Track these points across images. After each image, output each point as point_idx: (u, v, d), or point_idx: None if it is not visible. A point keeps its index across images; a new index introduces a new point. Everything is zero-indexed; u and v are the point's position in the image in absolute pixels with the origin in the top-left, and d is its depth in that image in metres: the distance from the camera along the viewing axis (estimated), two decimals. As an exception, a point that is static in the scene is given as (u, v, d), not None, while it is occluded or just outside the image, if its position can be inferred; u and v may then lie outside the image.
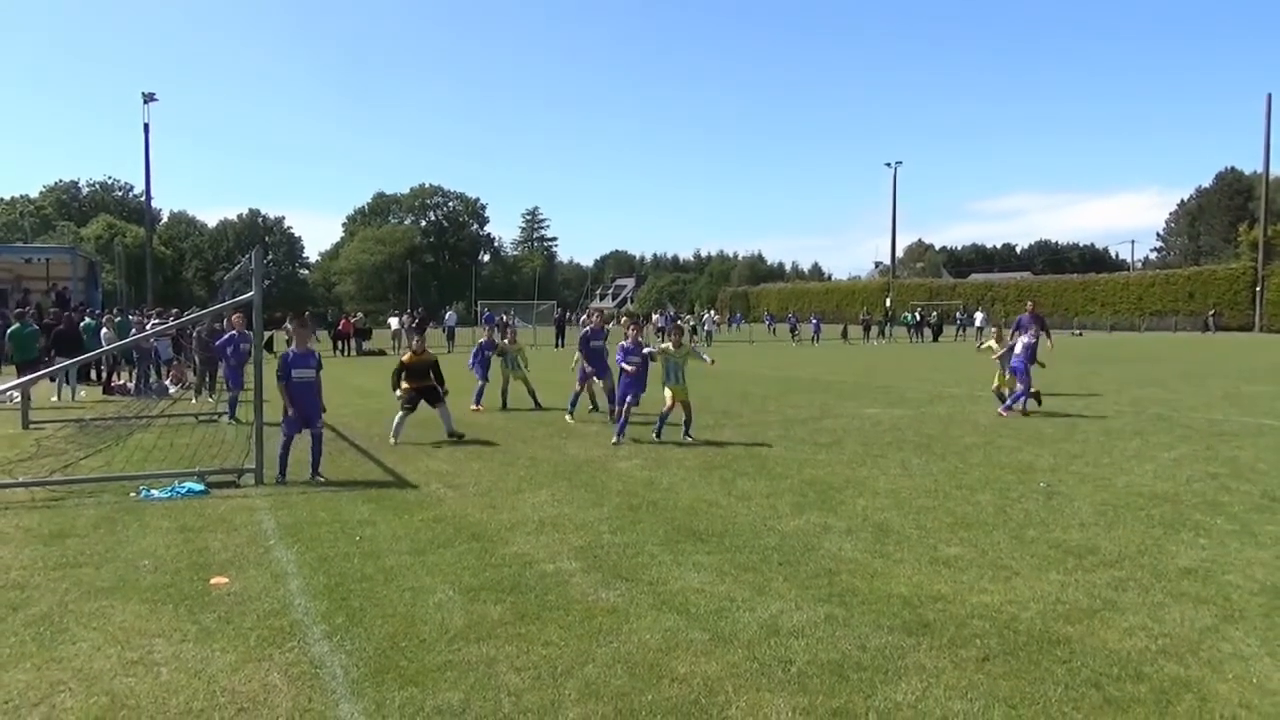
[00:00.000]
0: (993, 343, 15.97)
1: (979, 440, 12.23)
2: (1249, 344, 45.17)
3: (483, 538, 7.25)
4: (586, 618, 5.36)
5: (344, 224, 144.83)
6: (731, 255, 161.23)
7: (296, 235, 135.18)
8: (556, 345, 42.99)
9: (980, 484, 9.22)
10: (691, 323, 53.41)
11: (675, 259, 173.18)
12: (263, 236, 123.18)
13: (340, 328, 39.26)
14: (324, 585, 6.04)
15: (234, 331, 15.14)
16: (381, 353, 38.85)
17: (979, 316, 57.66)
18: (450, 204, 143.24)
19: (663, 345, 12.89)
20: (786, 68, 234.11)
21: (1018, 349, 14.91)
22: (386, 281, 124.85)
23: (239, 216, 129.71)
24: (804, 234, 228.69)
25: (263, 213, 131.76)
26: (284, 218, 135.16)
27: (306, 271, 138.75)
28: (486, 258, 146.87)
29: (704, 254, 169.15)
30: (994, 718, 4.03)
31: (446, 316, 48.17)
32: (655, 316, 54.48)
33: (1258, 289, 63.47)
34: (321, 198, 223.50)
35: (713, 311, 72.76)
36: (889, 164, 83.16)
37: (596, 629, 5.17)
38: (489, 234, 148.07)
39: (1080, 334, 62.56)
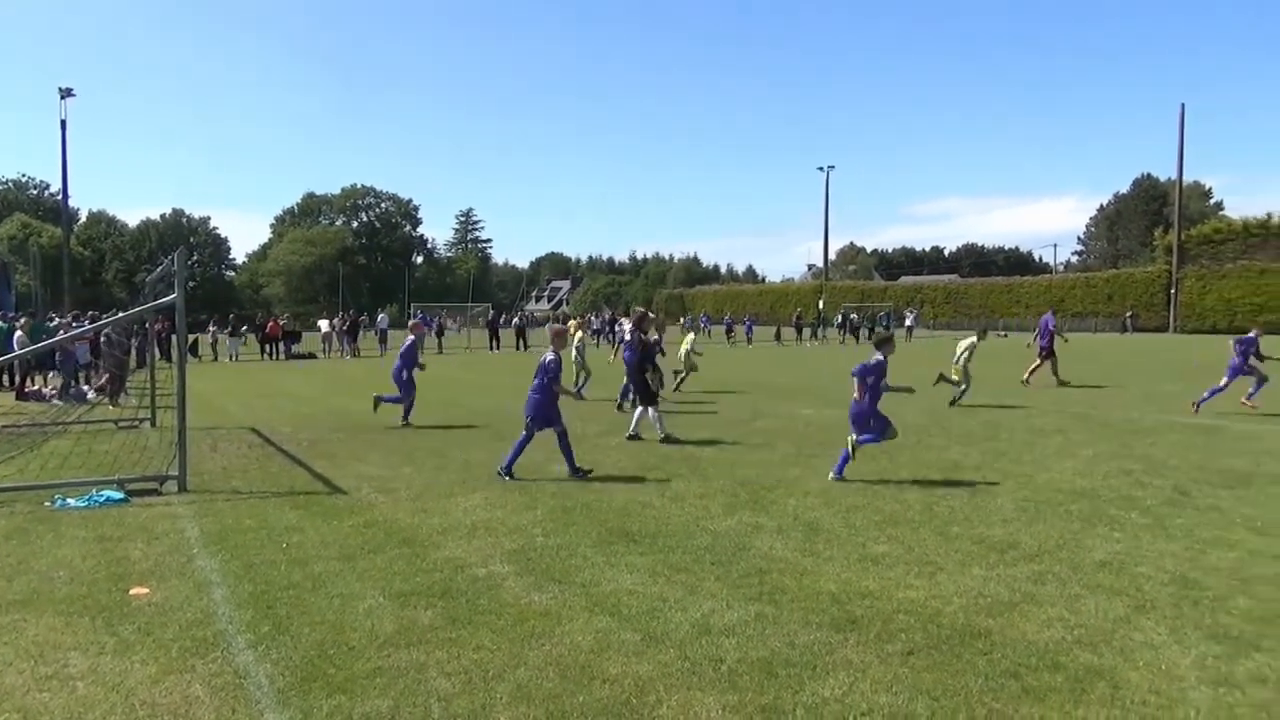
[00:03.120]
0: None
1: (908, 440, 12.46)
2: (1164, 344, 46.88)
3: (414, 543, 7.18)
4: (518, 621, 5.34)
5: (272, 224, 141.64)
6: (667, 257, 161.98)
7: (223, 236, 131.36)
8: (490, 348, 42.69)
9: (908, 482, 9.42)
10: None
11: (611, 261, 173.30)
12: (187, 237, 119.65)
13: (268, 330, 38.43)
14: (249, 594, 5.91)
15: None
16: (311, 356, 38.14)
17: (909, 317, 58.86)
18: (383, 205, 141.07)
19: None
20: (723, 72, 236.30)
21: None
22: (317, 283, 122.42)
23: (162, 216, 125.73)
24: (740, 236, 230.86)
25: (187, 212, 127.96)
26: (209, 218, 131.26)
27: (233, 273, 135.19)
28: (420, 259, 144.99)
29: (640, 256, 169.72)
30: (917, 709, 4.13)
31: (378, 319, 47.42)
32: (591, 318, 54.39)
33: (1172, 291, 65.86)
34: (249, 197, 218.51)
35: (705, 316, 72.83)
36: (822, 168, 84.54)
37: (528, 632, 5.16)
38: (422, 235, 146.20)
39: (1005, 335, 64.24)
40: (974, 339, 17.70)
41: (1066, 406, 16.55)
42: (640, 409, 12.66)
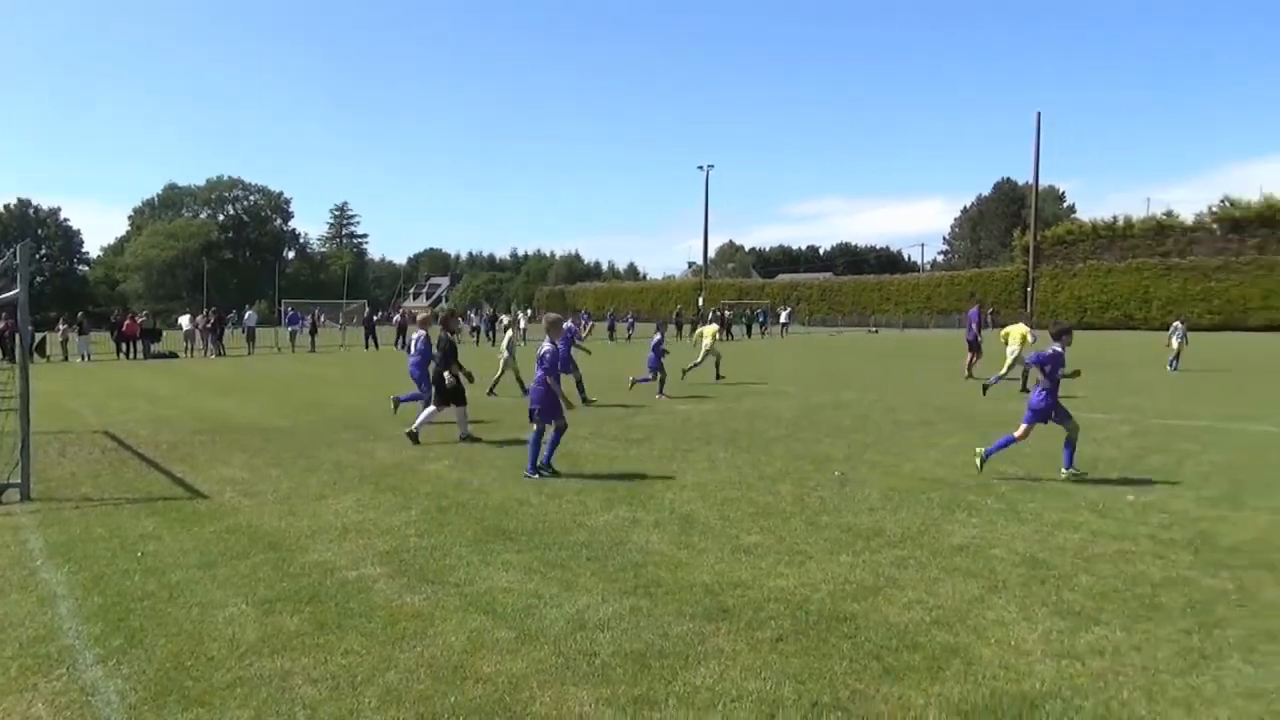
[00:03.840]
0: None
1: (781, 433, 12.80)
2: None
3: (280, 547, 6.93)
4: (390, 623, 5.23)
5: (130, 217, 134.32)
6: (549, 254, 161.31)
7: (75, 228, 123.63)
8: (366, 346, 41.61)
9: (781, 475, 9.65)
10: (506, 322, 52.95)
11: (492, 258, 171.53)
12: (35, 229, 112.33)
13: (124, 328, 36.34)
14: (99, 606, 5.59)
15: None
16: (173, 355, 36.34)
17: (783, 313, 60.42)
18: (251, 198, 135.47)
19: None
20: (606, 71, 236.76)
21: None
22: (179, 279, 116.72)
23: (6, 207, 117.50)
24: (622, 234, 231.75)
25: (34, 203, 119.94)
26: (59, 209, 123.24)
27: (86, 268, 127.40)
28: (291, 254, 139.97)
29: (521, 253, 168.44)
30: (784, 694, 4.24)
31: (246, 316, 45.49)
32: (471, 315, 53.65)
33: (1029, 289, 69.63)
34: (104, 188, 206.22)
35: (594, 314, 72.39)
36: (701, 167, 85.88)
37: (400, 634, 5.05)
38: (294, 230, 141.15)
39: (876, 331, 66.68)
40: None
41: (931, 399, 17.28)
42: (430, 409, 12.20)
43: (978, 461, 9.54)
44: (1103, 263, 65.59)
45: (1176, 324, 25.79)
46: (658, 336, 19.69)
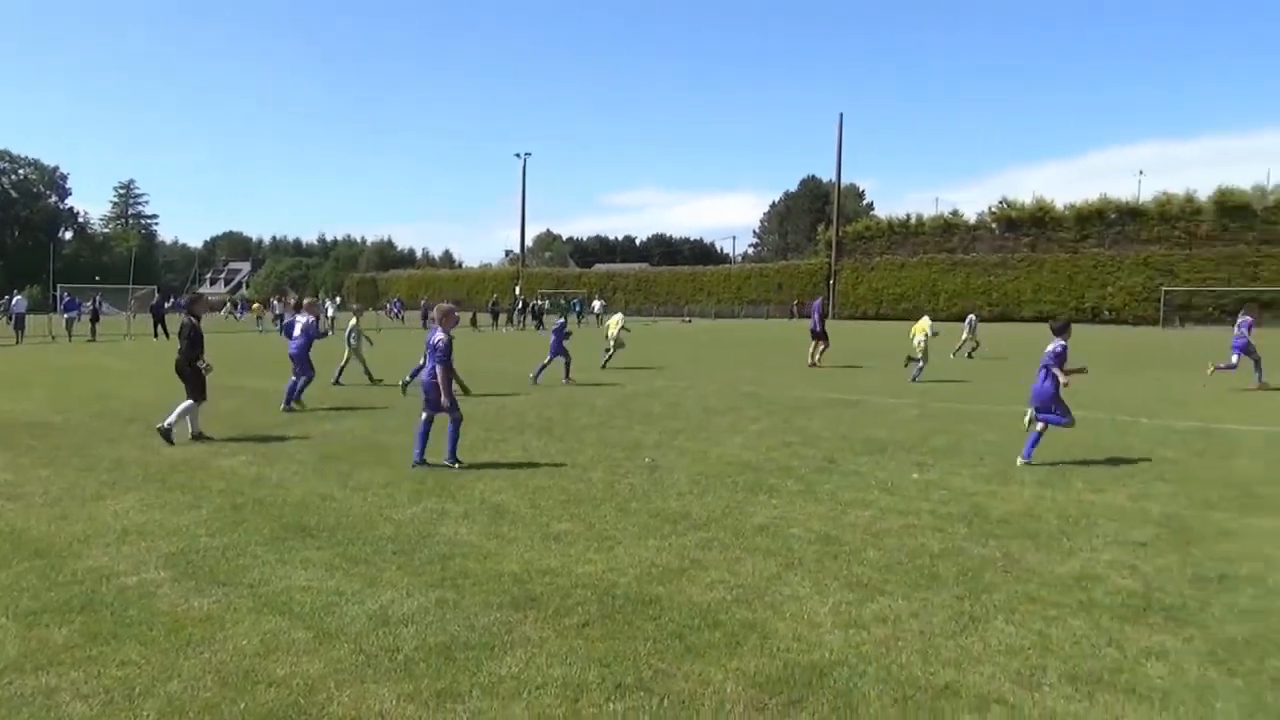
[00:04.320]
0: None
1: (595, 421, 12.92)
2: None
3: (48, 554, 6.35)
4: (174, 630, 4.90)
5: None
6: (359, 240, 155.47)
7: None
8: (155, 335, 38.73)
9: (593, 462, 9.74)
10: (330, 308, 50.74)
11: (298, 242, 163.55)
12: None
13: None
14: None
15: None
16: (-74, 345, 32.52)
17: (597, 304, 60.96)
18: (20, 171, 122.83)
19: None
20: (420, 55, 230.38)
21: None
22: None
23: None
24: (437, 220, 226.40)
25: None
26: None
27: None
28: (69, 235, 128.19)
29: (329, 238, 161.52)
30: (589, 678, 4.29)
31: (14, 302, 41.22)
32: (274, 302, 50.99)
33: (831, 281, 73.38)
34: None
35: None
36: (519, 155, 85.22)
37: (185, 641, 4.75)
38: (72, 208, 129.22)
39: (690, 320, 68.49)
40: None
41: (738, 386, 17.91)
42: (188, 402, 11.46)
43: (1020, 462, 9.62)
44: (897, 257, 69.95)
45: (971, 316, 28.00)
46: (560, 321, 19.65)
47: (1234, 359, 17.97)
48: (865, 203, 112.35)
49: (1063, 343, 9.83)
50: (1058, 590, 5.59)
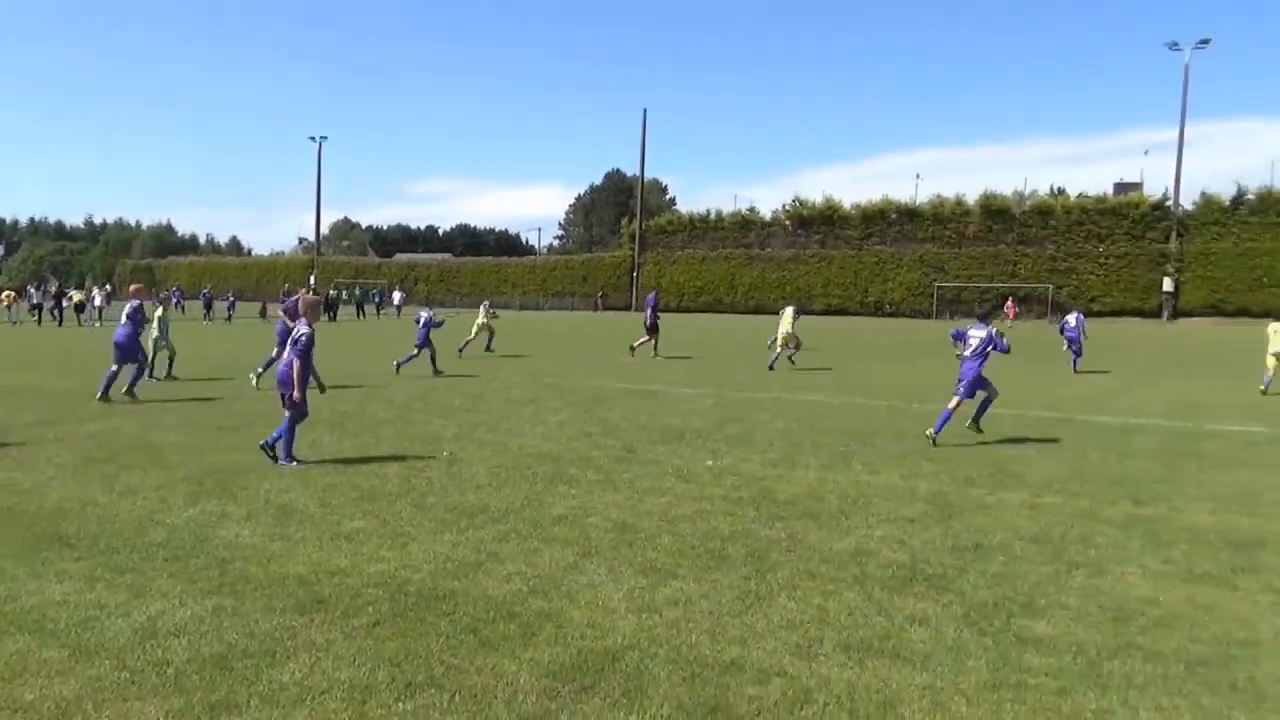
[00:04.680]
0: None
1: (392, 415, 12.55)
2: (628, 320, 53.03)
3: None
4: (-103, 658, 4.35)
5: None
6: (134, 224, 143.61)
7: None
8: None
9: (389, 458, 9.46)
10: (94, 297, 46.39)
11: (61, 225, 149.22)
12: None
13: None
14: None
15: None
16: None
17: (397, 295, 59.34)
18: None
19: None
20: (205, 33, 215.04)
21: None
22: None
23: None
24: (223, 205, 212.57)
25: None
26: None
27: None
28: None
29: (98, 221, 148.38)
30: (379, 679, 4.16)
31: None
32: (31, 291, 46.18)
33: (635, 274, 74.64)
34: None
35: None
36: (314, 138, 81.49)
37: (-90, 669, 4.23)
38: None
39: (495, 314, 67.77)
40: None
41: (541, 378, 17.91)
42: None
43: (931, 439, 10.54)
44: (698, 251, 72.06)
45: (787, 310, 29.22)
46: (428, 313, 19.18)
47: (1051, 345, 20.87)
48: (668, 197, 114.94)
49: (995, 328, 11.33)
50: (835, 566, 5.94)
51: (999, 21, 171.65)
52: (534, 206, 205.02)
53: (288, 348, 9.30)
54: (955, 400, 10.94)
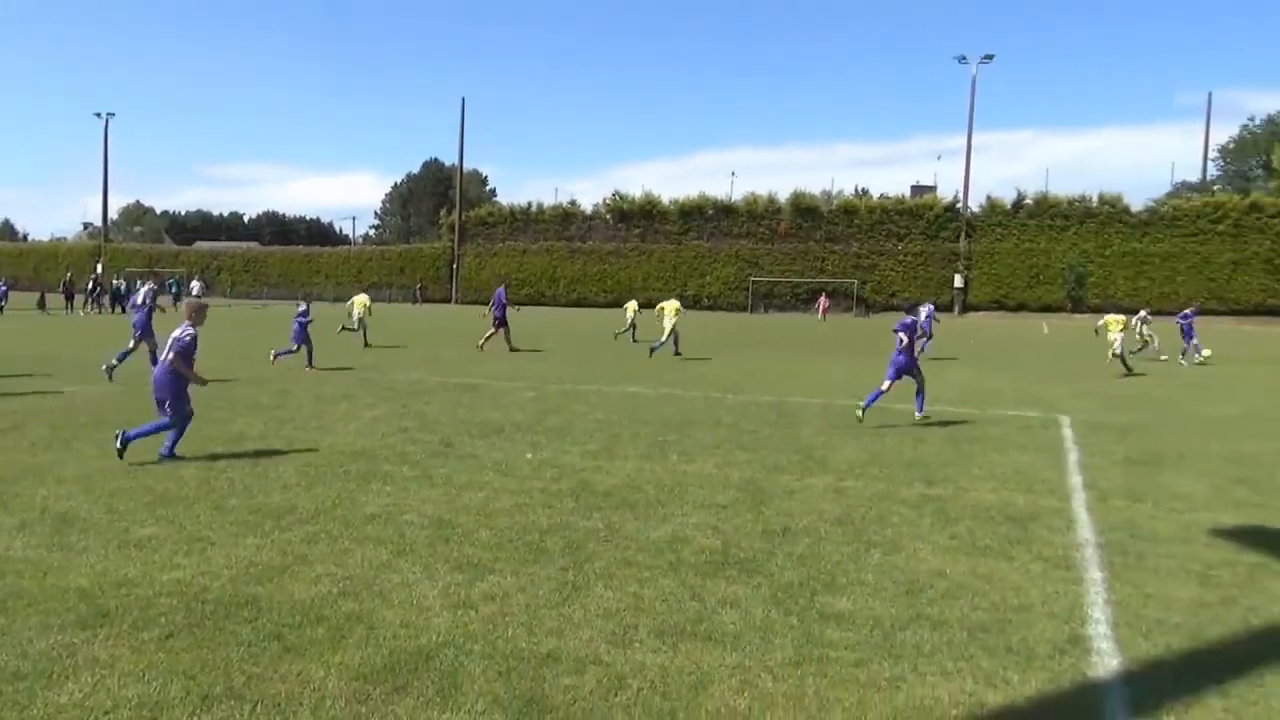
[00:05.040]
0: None
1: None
2: (448, 313, 52.06)
3: None
4: None
5: None
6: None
7: None
8: None
9: (187, 458, 8.87)
10: None
11: None
12: None
13: None
14: None
15: None
16: None
17: (195, 285, 55.80)
18: None
19: None
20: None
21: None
22: None
23: None
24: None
25: None
26: None
27: None
28: None
29: None
30: (171, 693, 3.91)
31: None
32: None
33: (454, 266, 73.34)
34: None
35: None
36: (100, 114, 75.32)
37: None
38: None
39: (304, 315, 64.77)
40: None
41: (356, 372, 17.30)
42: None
43: (859, 414, 11.76)
44: (519, 244, 71.59)
45: (631, 302, 29.73)
46: (303, 306, 19.30)
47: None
48: (488, 188, 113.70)
49: (913, 318, 12.85)
50: (651, 554, 6.06)
51: (811, 29, 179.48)
52: (348, 195, 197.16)
53: (167, 348, 9.16)
54: (886, 382, 12.26)
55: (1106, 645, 4.68)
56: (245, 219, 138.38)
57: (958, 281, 59.15)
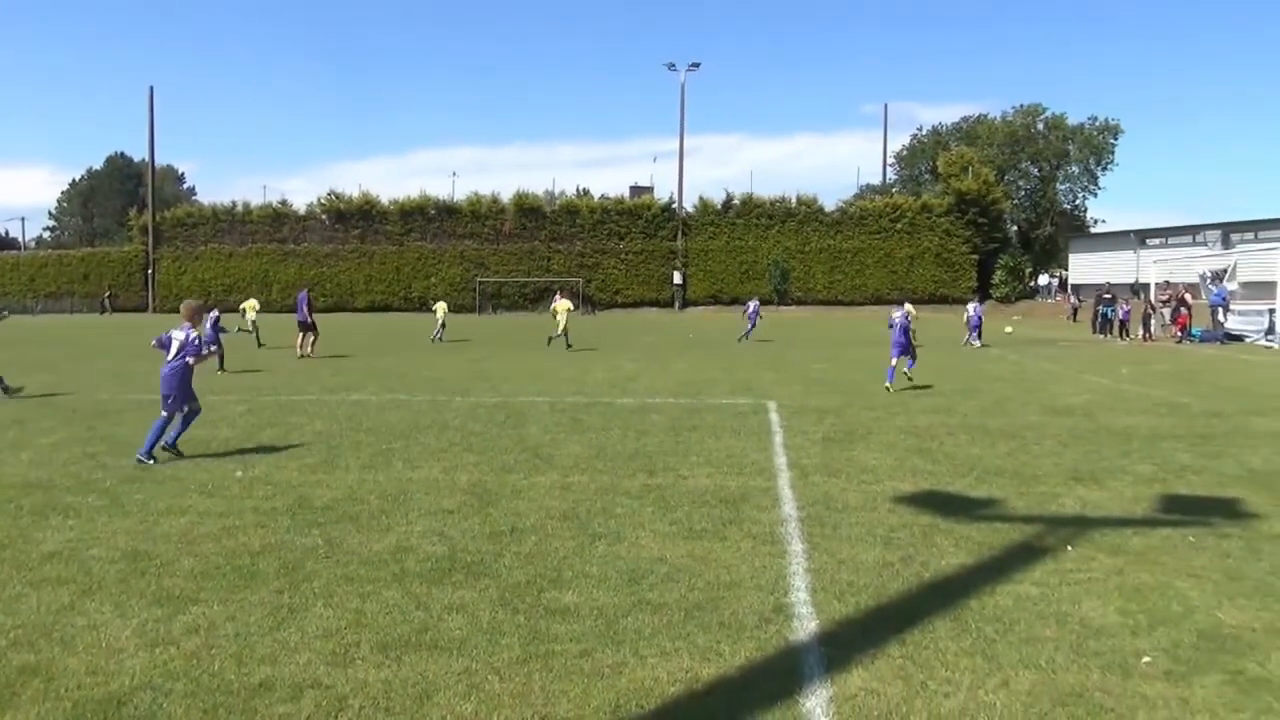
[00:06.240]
0: None
1: None
2: (144, 323, 47.36)
3: None
4: None
5: None
6: None
7: None
8: None
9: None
10: None
11: None
12: None
13: None
14: None
15: None
16: None
17: None
18: None
19: None
20: None
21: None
22: None
23: None
24: None
25: None
26: None
27: None
28: None
29: None
30: None
31: None
32: None
33: (150, 271, 66.91)
34: None
35: None
36: None
37: None
38: None
39: (7, 315, 56.57)
40: None
41: (27, 395, 15.32)
42: None
43: (888, 387, 15.06)
44: (225, 246, 66.51)
45: (440, 303, 30.44)
46: (215, 314, 19.66)
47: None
48: (186, 186, 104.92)
49: (901, 313, 16.11)
50: (374, 566, 5.88)
51: (532, 28, 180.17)
52: (15, 193, 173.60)
53: (173, 350, 9.78)
54: (894, 359, 15.50)
55: (806, 610, 5.12)
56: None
57: (677, 278, 62.19)
